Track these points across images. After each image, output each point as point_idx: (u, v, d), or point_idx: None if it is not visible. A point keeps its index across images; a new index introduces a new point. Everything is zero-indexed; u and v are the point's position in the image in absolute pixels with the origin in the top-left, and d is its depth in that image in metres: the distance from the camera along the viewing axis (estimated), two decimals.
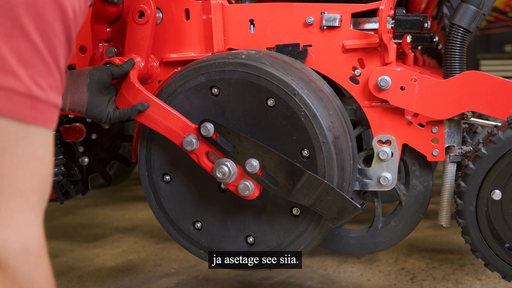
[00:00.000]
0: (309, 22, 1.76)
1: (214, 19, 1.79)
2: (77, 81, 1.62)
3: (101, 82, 1.65)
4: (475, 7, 1.75)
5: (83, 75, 1.62)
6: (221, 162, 1.64)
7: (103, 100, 1.67)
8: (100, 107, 1.66)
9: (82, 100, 1.62)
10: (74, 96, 1.61)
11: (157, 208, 1.82)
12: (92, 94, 1.63)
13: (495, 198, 1.64)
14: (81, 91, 1.61)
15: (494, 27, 5.72)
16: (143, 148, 1.79)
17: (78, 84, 1.62)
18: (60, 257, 3.09)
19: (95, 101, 1.64)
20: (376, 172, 1.79)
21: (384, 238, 1.89)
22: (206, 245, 1.79)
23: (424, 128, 1.76)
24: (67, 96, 1.61)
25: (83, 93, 1.62)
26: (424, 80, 1.72)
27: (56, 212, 4.14)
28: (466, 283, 2.49)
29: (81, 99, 1.62)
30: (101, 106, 1.66)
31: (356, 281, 2.57)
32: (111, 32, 1.86)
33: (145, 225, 3.70)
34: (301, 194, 1.61)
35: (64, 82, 0.98)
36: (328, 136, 1.61)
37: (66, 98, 1.61)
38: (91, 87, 1.62)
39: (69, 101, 1.62)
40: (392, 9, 1.73)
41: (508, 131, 1.61)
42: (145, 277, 2.72)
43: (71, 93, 1.61)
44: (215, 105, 1.69)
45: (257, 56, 1.68)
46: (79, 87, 1.61)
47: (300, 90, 1.61)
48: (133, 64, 1.69)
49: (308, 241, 1.70)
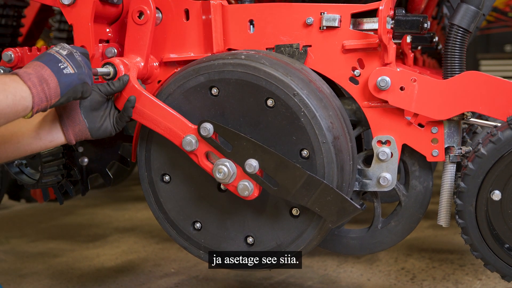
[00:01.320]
0: (309, 23, 1.76)
1: (213, 19, 1.79)
2: (71, 114, 1.63)
3: (95, 104, 1.65)
4: (475, 8, 1.75)
5: (76, 105, 1.63)
6: (220, 163, 1.64)
7: (103, 117, 1.67)
8: (102, 125, 1.67)
9: (83, 130, 1.64)
10: (75, 129, 1.64)
11: (156, 209, 1.82)
12: (90, 119, 1.65)
13: (495, 198, 1.64)
14: (78, 122, 1.63)
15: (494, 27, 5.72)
16: (142, 148, 1.79)
17: (73, 116, 1.63)
18: (60, 257, 3.09)
19: (95, 124, 1.66)
20: (376, 172, 1.79)
21: (383, 238, 1.89)
22: (206, 246, 1.79)
23: (424, 128, 1.76)
24: (68, 132, 1.63)
25: (81, 123, 1.64)
26: (424, 80, 1.71)
27: (56, 212, 4.14)
28: (466, 283, 2.49)
29: (82, 129, 1.64)
30: (103, 123, 1.67)
31: (356, 281, 2.57)
32: (111, 32, 1.86)
33: (145, 225, 3.70)
34: (301, 195, 1.61)
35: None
36: (327, 136, 1.61)
37: (69, 133, 1.63)
38: (86, 114, 1.64)
39: (72, 134, 1.64)
40: (392, 10, 1.73)
41: (507, 131, 1.61)
42: (145, 277, 2.72)
43: (71, 127, 1.63)
44: (215, 106, 1.69)
45: (256, 56, 1.68)
46: (75, 119, 1.63)
47: (299, 91, 1.61)
48: (125, 82, 1.68)
49: (308, 241, 1.69)
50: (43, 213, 4.14)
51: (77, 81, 1.49)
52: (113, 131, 1.70)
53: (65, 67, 1.47)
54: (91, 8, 1.73)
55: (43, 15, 2.95)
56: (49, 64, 1.46)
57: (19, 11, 2.63)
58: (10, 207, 4.33)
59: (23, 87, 1.38)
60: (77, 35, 1.77)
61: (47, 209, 4.20)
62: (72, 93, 1.49)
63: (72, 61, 1.49)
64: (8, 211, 4.27)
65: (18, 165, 2.12)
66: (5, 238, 3.52)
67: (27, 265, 2.97)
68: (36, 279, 2.75)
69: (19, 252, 3.22)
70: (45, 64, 1.45)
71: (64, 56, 1.49)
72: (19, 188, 3.11)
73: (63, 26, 2.93)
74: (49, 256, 3.11)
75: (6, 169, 2.13)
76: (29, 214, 4.17)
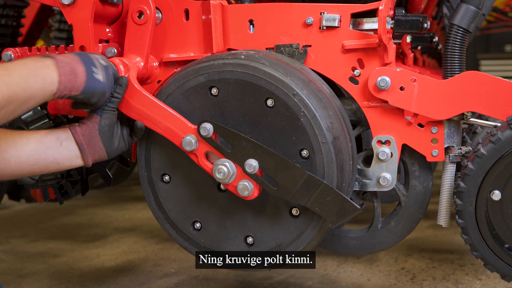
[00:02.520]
0: (309, 22, 1.76)
1: (213, 19, 1.79)
2: (92, 142, 1.64)
3: (111, 127, 1.67)
4: (475, 8, 1.75)
5: (95, 132, 1.64)
6: (220, 163, 1.64)
7: (117, 137, 1.69)
8: (119, 146, 1.70)
9: (102, 155, 1.67)
10: (94, 156, 1.66)
11: (156, 209, 1.82)
12: (109, 144, 1.67)
13: (495, 198, 1.64)
14: (99, 149, 1.65)
15: (494, 27, 5.71)
16: (142, 148, 1.79)
17: (94, 143, 1.65)
18: (60, 257, 3.09)
19: (112, 147, 1.68)
20: (376, 172, 1.79)
21: (383, 238, 1.89)
22: (206, 246, 1.79)
23: (424, 128, 1.76)
24: (88, 159, 1.65)
25: (102, 150, 1.66)
26: (424, 80, 1.71)
27: (56, 212, 4.14)
28: (466, 283, 2.49)
29: (101, 154, 1.67)
30: (119, 143, 1.69)
31: (356, 281, 2.57)
32: (110, 32, 1.86)
33: (145, 225, 3.70)
34: (301, 195, 1.61)
35: None
36: (327, 136, 1.61)
37: (88, 160, 1.65)
38: (105, 140, 1.66)
39: (91, 160, 1.66)
40: (392, 9, 1.73)
41: (507, 131, 1.61)
42: (145, 277, 2.72)
43: (91, 154, 1.65)
44: (215, 106, 1.69)
45: (256, 56, 1.68)
46: (95, 146, 1.65)
47: (299, 91, 1.61)
48: (126, 84, 1.68)
49: (308, 241, 1.69)
50: (43, 213, 4.14)
51: (100, 89, 1.58)
52: (126, 148, 1.74)
53: (97, 73, 1.57)
54: (91, 8, 1.73)
55: (43, 15, 2.95)
56: (85, 63, 1.57)
57: (19, 11, 2.63)
58: (10, 207, 4.33)
59: (53, 73, 1.49)
60: (77, 35, 1.77)
61: (47, 209, 4.20)
62: (90, 95, 1.58)
63: (105, 72, 1.61)
64: (8, 211, 4.27)
65: None
66: (5, 238, 3.53)
67: (27, 265, 2.97)
68: (36, 279, 2.75)
69: (19, 252, 3.22)
70: (82, 61, 1.56)
71: (101, 65, 1.61)
72: (19, 188, 3.11)
73: (63, 26, 2.93)
74: (49, 256, 3.11)
75: None
76: (29, 214, 4.17)
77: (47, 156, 1.61)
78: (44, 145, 1.61)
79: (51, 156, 1.62)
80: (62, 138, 1.63)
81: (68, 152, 1.64)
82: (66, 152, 1.64)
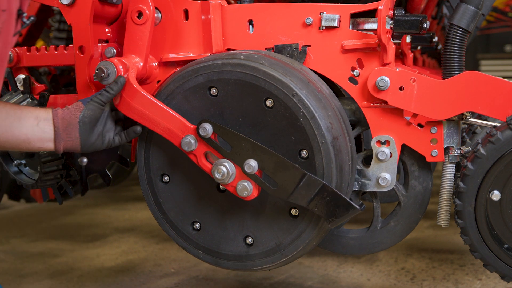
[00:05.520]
0: (308, 23, 1.76)
1: (213, 19, 1.79)
2: (68, 128, 1.63)
3: (93, 121, 1.66)
4: (474, 8, 1.75)
5: (75, 120, 1.64)
6: (219, 163, 1.64)
7: (97, 133, 1.68)
8: (94, 142, 1.68)
9: (75, 145, 1.66)
10: (67, 144, 1.64)
11: (156, 209, 1.82)
12: (85, 136, 1.66)
13: (494, 198, 1.64)
14: (73, 138, 1.64)
15: (494, 27, 5.71)
16: (142, 149, 1.79)
17: (70, 131, 1.63)
18: (60, 257, 3.09)
19: (88, 141, 1.67)
20: (375, 172, 1.79)
21: (383, 238, 1.89)
22: (205, 246, 1.79)
23: (423, 128, 1.75)
24: (60, 144, 1.64)
25: (76, 139, 1.65)
26: (423, 80, 1.71)
27: (56, 212, 4.14)
28: (466, 283, 2.49)
29: (74, 144, 1.65)
30: (96, 140, 1.68)
31: (356, 281, 2.57)
32: (110, 32, 1.86)
33: (145, 225, 3.70)
34: (300, 195, 1.61)
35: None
36: (326, 136, 1.61)
37: (59, 146, 1.64)
38: (83, 131, 1.65)
39: (62, 147, 1.65)
40: (391, 9, 1.73)
41: (507, 131, 1.61)
42: (145, 277, 2.72)
43: (64, 140, 1.64)
44: (214, 106, 1.69)
45: (255, 56, 1.68)
46: (71, 134, 1.64)
47: (298, 91, 1.61)
48: (123, 84, 1.69)
49: (307, 241, 1.69)
50: (43, 213, 4.14)
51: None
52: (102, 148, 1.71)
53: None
54: (90, 8, 1.73)
55: (43, 15, 2.94)
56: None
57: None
58: (10, 207, 4.33)
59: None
60: (76, 35, 1.77)
61: (47, 209, 4.20)
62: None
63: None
64: (8, 211, 4.27)
65: (17, 165, 2.12)
66: (5, 238, 3.53)
67: (27, 265, 2.97)
68: (36, 279, 2.75)
69: (19, 252, 3.22)
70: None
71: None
72: (19, 188, 3.11)
73: (62, 26, 2.93)
74: (49, 256, 3.11)
75: (5, 169, 2.13)
76: (29, 214, 4.17)
77: (21, 134, 1.59)
78: (20, 123, 1.58)
79: (24, 134, 1.59)
80: (41, 118, 1.61)
81: (42, 134, 1.62)
82: (40, 133, 1.61)
